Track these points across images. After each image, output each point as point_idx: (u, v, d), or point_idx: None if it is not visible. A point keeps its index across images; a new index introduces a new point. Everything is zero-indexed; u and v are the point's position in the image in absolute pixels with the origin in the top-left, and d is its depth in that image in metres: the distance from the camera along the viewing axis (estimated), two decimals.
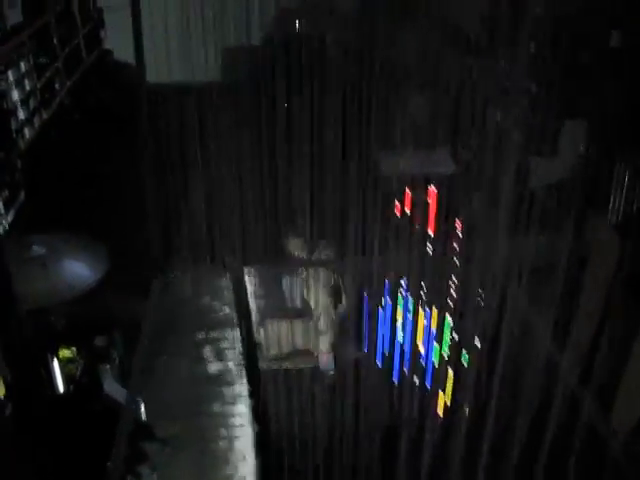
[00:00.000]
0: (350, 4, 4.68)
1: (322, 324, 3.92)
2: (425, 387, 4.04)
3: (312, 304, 4.05)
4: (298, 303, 4.13)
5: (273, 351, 3.97)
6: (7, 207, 3.95)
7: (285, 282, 4.28)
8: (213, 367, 3.67)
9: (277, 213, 4.27)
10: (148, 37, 5.52)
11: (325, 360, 3.97)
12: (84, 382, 2.93)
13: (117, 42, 6.10)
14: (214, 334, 3.87)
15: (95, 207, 3.94)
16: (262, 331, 3.97)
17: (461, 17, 4.12)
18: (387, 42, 4.14)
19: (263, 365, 3.96)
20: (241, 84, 4.99)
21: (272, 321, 3.94)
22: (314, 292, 4.01)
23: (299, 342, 3.99)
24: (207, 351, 3.80)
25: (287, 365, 3.97)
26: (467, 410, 3.76)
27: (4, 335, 2.04)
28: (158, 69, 5.45)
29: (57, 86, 5.23)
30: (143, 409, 2.99)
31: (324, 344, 3.93)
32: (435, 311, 4.02)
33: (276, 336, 3.94)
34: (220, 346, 3.80)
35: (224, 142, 4.55)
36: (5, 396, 2.55)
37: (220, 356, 3.72)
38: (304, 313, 4.05)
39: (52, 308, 3.14)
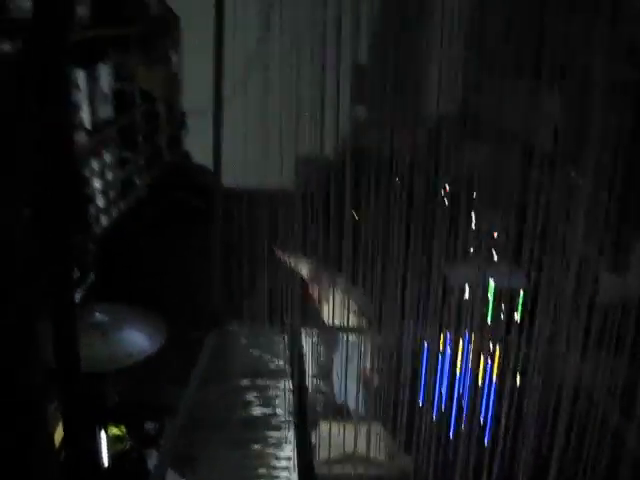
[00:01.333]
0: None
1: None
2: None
3: None
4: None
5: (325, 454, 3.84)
6: (77, 286, 4.07)
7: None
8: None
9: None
10: (226, 142, 5.79)
11: None
12: (131, 461, 2.89)
13: (197, 145, 6.41)
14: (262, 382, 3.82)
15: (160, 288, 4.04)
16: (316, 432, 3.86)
17: (531, 132, 4.14)
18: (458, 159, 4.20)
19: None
20: (311, 193, 5.11)
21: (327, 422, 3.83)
22: None
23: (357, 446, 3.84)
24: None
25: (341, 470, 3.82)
26: None
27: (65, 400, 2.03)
28: (233, 174, 5.67)
29: (137, 181, 5.48)
30: None
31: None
32: None
33: (329, 438, 3.82)
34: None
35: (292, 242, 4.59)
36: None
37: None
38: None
39: (106, 384, 3.17)
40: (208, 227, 5.11)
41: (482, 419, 3.92)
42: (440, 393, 4.10)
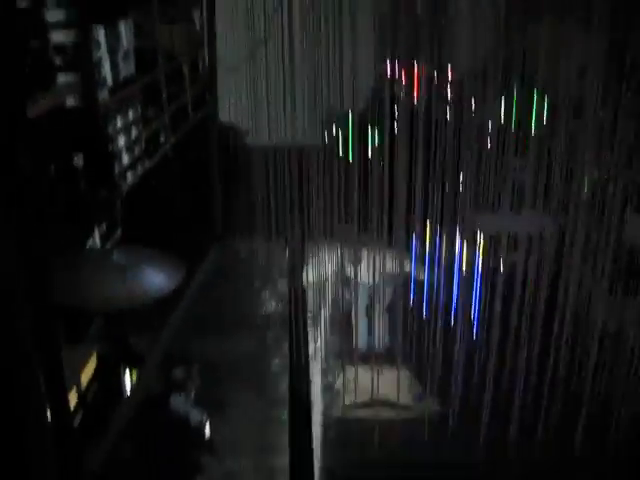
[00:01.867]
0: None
1: None
2: None
3: None
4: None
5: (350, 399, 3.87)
6: (103, 242, 4.12)
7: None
8: None
9: None
10: (253, 100, 5.78)
11: None
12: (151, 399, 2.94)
13: (224, 104, 6.39)
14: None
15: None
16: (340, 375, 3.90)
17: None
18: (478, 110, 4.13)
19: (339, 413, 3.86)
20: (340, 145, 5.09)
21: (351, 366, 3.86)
22: None
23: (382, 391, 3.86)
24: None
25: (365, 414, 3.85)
26: None
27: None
28: (261, 132, 5.66)
29: (162, 139, 5.49)
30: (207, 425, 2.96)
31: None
32: None
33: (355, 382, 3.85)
34: None
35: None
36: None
37: None
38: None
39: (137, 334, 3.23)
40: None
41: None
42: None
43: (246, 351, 3.98)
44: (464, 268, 4.06)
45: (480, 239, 4.10)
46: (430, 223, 4.08)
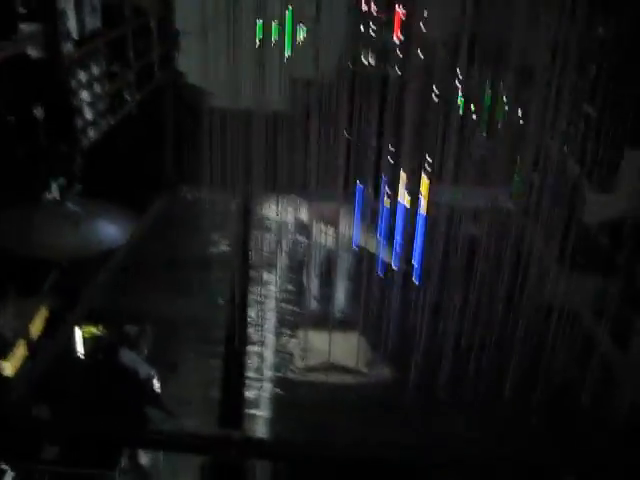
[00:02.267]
0: None
1: None
2: None
3: None
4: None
5: (304, 362, 3.90)
6: (63, 195, 4.06)
7: None
8: None
9: None
10: (220, 64, 5.70)
11: None
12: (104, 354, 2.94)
13: (189, 66, 6.30)
14: None
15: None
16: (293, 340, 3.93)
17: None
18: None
19: (292, 375, 3.89)
20: (306, 113, 5.06)
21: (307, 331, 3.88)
22: None
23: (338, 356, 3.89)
24: None
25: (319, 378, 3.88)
26: None
27: None
28: (226, 95, 5.59)
29: (127, 97, 5.41)
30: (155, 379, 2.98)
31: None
32: None
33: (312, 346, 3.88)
34: None
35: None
36: None
37: None
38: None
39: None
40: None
41: None
42: None
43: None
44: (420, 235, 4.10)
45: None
46: (389, 189, 4.10)
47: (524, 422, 3.34)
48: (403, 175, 4.00)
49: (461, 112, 3.94)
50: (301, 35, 5.03)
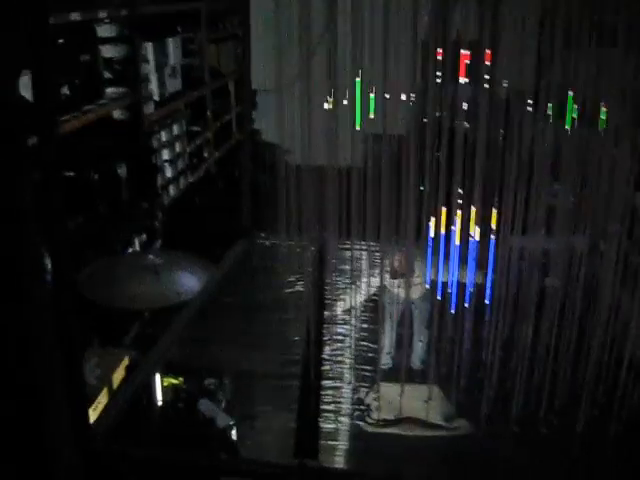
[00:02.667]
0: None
1: None
2: None
3: None
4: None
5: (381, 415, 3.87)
6: (144, 250, 4.22)
7: None
8: None
9: None
10: (294, 122, 5.85)
11: None
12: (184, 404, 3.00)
13: (267, 123, 6.49)
14: None
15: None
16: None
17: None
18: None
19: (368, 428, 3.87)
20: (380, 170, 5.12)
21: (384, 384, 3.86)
22: None
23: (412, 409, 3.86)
24: None
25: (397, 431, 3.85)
26: None
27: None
28: (303, 153, 5.72)
29: (206, 155, 5.61)
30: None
31: None
32: None
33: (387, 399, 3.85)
34: None
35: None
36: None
37: None
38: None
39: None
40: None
41: None
42: None
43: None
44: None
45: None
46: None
47: None
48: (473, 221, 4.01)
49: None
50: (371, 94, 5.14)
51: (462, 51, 3.93)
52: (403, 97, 4.68)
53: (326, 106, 4.60)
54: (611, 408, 3.38)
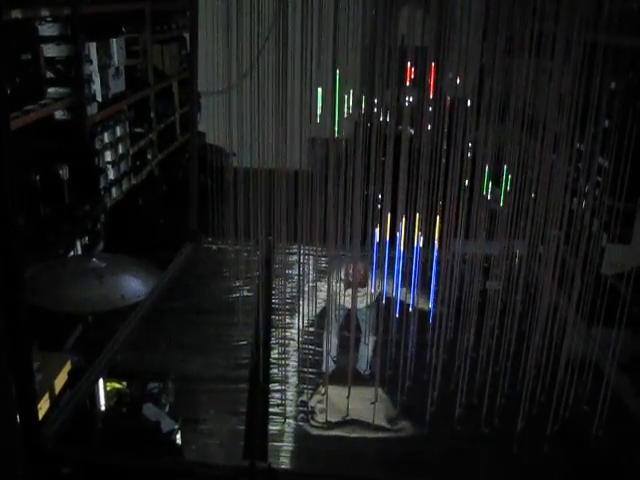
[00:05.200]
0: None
1: None
2: None
3: None
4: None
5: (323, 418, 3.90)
6: (87, 252, 4.16)
7: None
8: None
9: None
10: (239, 126, 5.84)
11: None
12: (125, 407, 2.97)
13: (210, 126, 6.46)
14: None
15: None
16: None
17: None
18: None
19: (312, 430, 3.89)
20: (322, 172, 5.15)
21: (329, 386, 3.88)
22: None
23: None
24: None
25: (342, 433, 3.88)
26: None
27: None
28: (247, 154, 5.71)
29: (149, 156, 5.55)
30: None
31: None
32: None
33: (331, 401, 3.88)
34: None
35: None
36: None
37: None
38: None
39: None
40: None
41: None
42: None
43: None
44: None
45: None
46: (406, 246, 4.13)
47: None
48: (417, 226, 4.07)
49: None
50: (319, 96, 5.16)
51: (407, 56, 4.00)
52: (349, 101, 4.73)
53: (273, 108, 4.61)
54: (549, 407, 3.47)
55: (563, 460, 3.47)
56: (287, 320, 4.15)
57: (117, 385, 3.18)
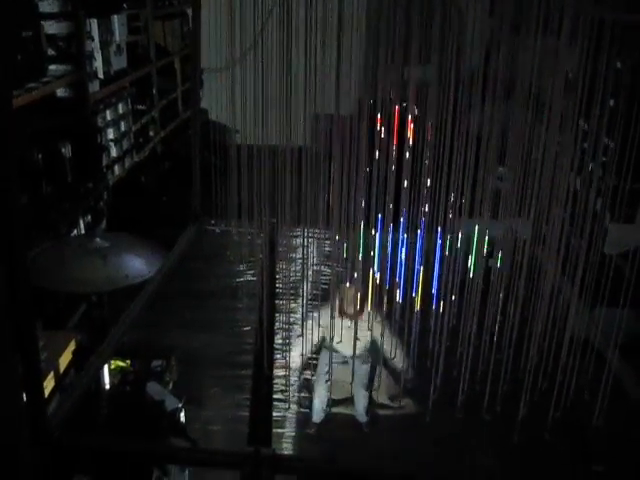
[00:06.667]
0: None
1: None
2: None
3: None
4: None
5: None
6: (90, 231, 4.15)
7: None
8: None
9: None
10: (242, 102, 5.80)
11: None
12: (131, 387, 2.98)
13: (214, 103, 6.42)
14: None
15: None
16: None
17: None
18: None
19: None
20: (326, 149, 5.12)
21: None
22: None
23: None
24: None
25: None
26: None
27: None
28: (251, 132, 5.67)
29: (151, 134, 5.53)
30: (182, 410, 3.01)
31: None
32: None
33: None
34: None
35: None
36: None
37: None
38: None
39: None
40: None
41: None
42: None
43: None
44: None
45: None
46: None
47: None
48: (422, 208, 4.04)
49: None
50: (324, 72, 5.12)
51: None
52: (354, 77, 4.67)
53: (277, 85, 4.57)
54: (552, 394, 3.48)
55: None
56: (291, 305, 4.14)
57: (121, 363, 3.19)
